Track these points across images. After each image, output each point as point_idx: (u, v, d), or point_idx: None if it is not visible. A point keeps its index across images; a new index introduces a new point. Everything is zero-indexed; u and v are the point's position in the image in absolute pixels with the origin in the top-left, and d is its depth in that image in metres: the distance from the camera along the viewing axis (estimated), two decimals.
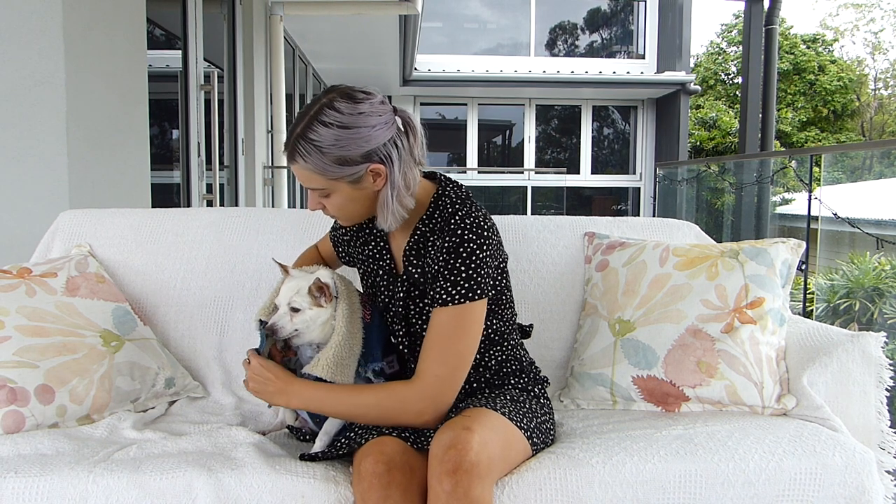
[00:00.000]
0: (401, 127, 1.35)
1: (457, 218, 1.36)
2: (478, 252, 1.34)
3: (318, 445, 1.39)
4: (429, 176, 1.47)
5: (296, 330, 1.40)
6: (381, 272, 1.50)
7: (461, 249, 1.33)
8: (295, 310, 1.39)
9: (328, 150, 1.29)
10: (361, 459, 1.23)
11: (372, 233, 1.53)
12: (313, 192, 1.36)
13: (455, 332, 1.33)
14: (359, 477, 1.22)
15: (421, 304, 1.43)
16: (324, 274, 1.44)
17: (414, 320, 1.45)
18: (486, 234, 1.35)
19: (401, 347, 1.48)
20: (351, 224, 1.45)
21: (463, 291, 1.33)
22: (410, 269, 1.43)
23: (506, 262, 1.48)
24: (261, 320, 1.45)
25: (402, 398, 1.32)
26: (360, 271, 1.57)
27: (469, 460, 1.16)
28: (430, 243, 1.40)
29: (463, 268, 1.33)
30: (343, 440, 1.36)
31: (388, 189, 1.34)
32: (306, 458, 1.34)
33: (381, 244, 1.51)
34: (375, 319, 1.48)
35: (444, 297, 1.33)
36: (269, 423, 1.58)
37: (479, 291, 1.33)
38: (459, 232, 1.34)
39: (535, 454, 1.37)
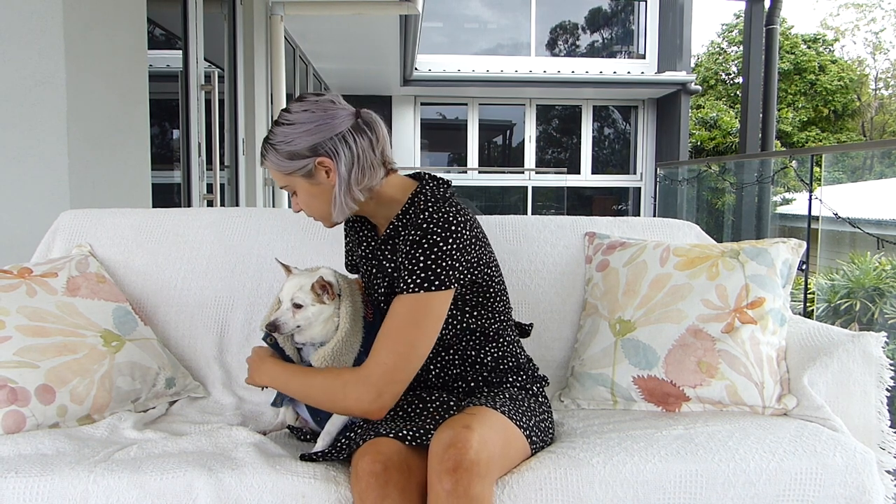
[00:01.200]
0: (359, 124, 1.42)
1: (426, 214, 1.38)
2: (440, 244, 1.34)
3: (320, 445, 1.39)
4: (415, 176, 1.52)
5: (298, 326, 1.41)
6: (373, 270, 1.53)
7: (423, 241, 1.35)
8: (298, 306, 1.41)
9: (279, 146, 1.40)
10: (359, 459, 1.23)
11: (365, 233, 1.57)
12: (284, 190, 1.47)
13: (408, 322, 1.33)
14: (356, 477, 1.22)
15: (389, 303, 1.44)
16: (326, 272, 1.46)
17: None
18: (452, 227, 1.36)
19: None
20: (328, 224, 1.50)
21: (419, 281, 1.33)
22: (384, 262, 1.47)
23: (490, 257, 1.49)
24: (267, 332, 1.47)
25: (345, 382, 1.34)
26: (361, 272, 1.60)
27: (469, 459, 1.16)
28: (400, 238, 1.43)
29: (422, 258, 1.34)
30: (343, 440, 1.36)
31: (339, 185, 1.41)
32: (307, 458, 1.34)
33: (372, 244, 1.54)
34: (377, 319, 1.49)
35: (402, 285, 1.36)
36: (270, 423, 1.59)
37: (436, 282, 1.33)
38: (425, 226, 1.36)
39: (535, 453, 1.37)
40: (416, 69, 10.51)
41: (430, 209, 1.38)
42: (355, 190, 1.41)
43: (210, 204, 4.31)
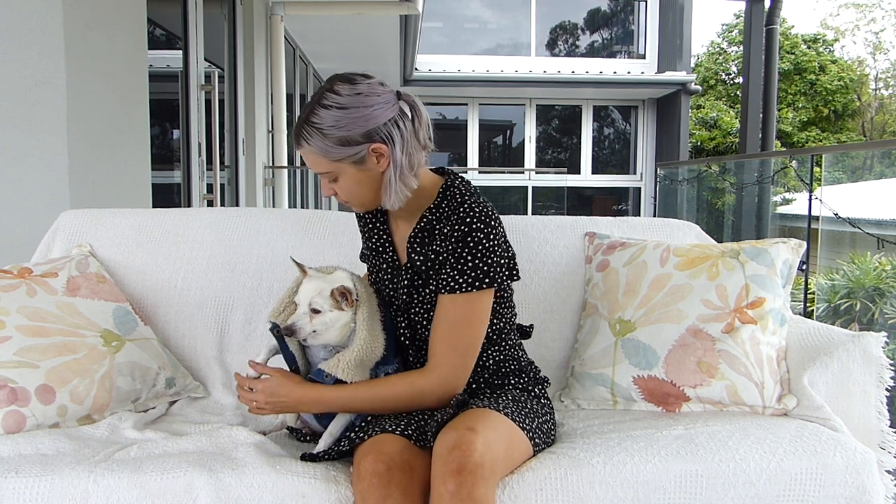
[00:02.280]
0: (404, 109, 1.37)
1: (465, 207, 1.38)
2: (485, 241, 1.36)
3: (322, 445, 1.39)
4: (437, 171, 1.50)
5: (314, 331, 1.39)
6: (384, 264, 1.51)
7: (469, 238, 1.35)
8: (316, 311, 1.38)
9: (329, 131, 1.32)
10: (361, 458, 1.23)
11: (377, 225, 1.54)
12: (323, 176, 1.39)
13: (463, 320, 1.36)
14: (359, 476, 1.22)
15: (423, 293, 1.43)
16: (343, 276, 1.43)
17: (415, 311, 1.45)
18: (492, 223, 1.38)
19: (402, 339, 1.49)
20: (363, 210, 1.47)
21: (470, 280, 1.35)
22: (413, 256, 1.44)
23: (514, 260, 1.48)
24: (274, 323, 1.45)
25: (421, 389, 1.36)
26: (368, 266, 1.58)
27: (473, 461, 1.16)
28: (436, 231, 1.41)
29: (470, 256, 1.35)
30: (344, 440, 1.36)
31: (391, 169, 1.36)
32: (307, 458, 1.34)
33: (384, 236, 1.52)
34: (388, 322, 1.48)
35: (452, 284, 1.35)
36: (270, 424, 1.58)
37: (486, 280, 1.35)
38: (468, 220, 1.36)
39: (536, 454, 1.37)
40: (416, 69, 10.51)
41: (469, 203, 1.38)
42: (409, 175, 1.38)
43: (210, 204, 4.31)
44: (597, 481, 1.30)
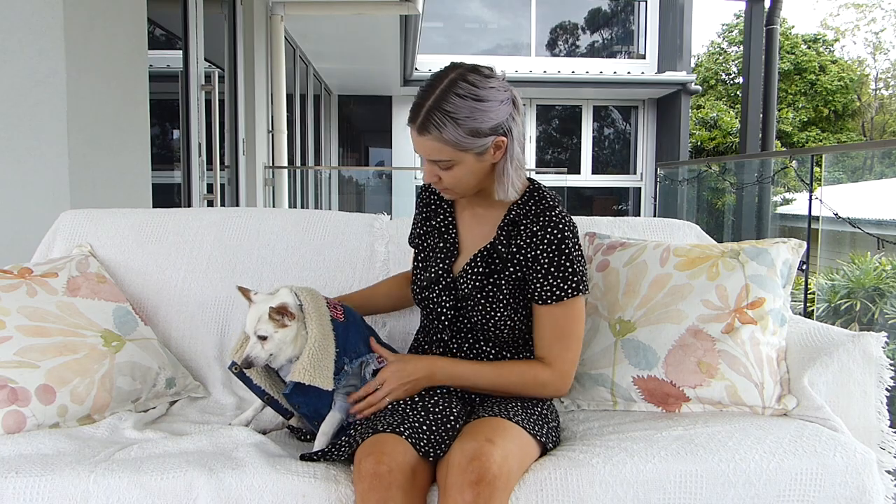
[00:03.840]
0: (515, 103, 1.41)
1: (557, 213, 1.44)
2: (573, 249, 1.43)
3: (318, 445, 1.39)
4: None
5: (270, 355, 1.42)
6: (441, 244, 1.54)
7: (563, 246, 1.42)
8: (262, 337, 1.41)
9: (463, 121, 1.34)
10: (362, 459, 1.23)
11: (444, 206, 1.59)
12: (434, 163, 1.40)
13: (571, 322, 1.45)
14: (359, 476, 1.22)
15: (494, 279, 1.46)
16: (282, 294, 1.46)
17: (480, 294, 1.46)
18: (576, 231, 1.46)
19: (442, 320, 1.51)
20: (458, 197, 1.50)
21: (573, 285, 1.42)
22: (498, 245, 1.47)
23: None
24: (233, 361, 1.47)
25: (543, 381, 1.45)
26: (421, 245, 1.61)
27: (492, 473, 1.17)
28: (522, 227, 1.45)
29: (568, 263, 1.42)
30: (343, 439, 1.36)
31: (507, 161, 1.41)
32: (306, 458, 1.34)
33: (450, 218, 1.57)
34: (350, 317, 1.51)
35: (557, 292, 1.42)
36: (270, 423, 1.59)
37: (582, 285, 1.44)
38: (562, 227, 1.43)
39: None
40: (416, 69, 10.51)
41: (559, 210, 1.46)
42: (521, 168, 1.44)
43: (210, 204, 4.32)
44: (597, 481, 1.30)
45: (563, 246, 1.42)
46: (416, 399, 1.42)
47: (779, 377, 1.58)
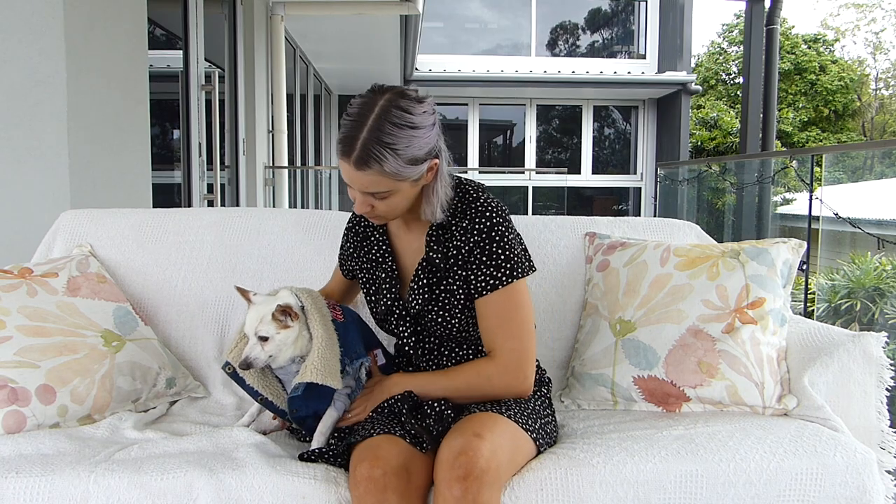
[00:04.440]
0: (438, 122, 1.39)
1: (482, 202, 1.41)
2: (506, 234, 1.40)
3: (316, 443, 1.40)
4: None
5: (270, 356, 1.41)
6: (383, 274, 1.51)
7: (493, 233, 1.39)
8: (264, 338, 1.39)
9: (403, 151, 1.29)
10: (357, 463, 1.23)
11: (375, 236, 1.55)
12: (368, 195, 1.34)
13: (511, 309, 1.40)
14: (355, 481, 1.22)
15: (439, 291, 1.44)
16: (284, 295, 1.44)
17: (432, 311, 1.45)
18: (507, 216, 1.43)
19: (406, 348, 1.50)
20: (387, 221, 1.46)
21: (507, 272, 1.39)
22: (432, 254, 1.44)
23: (527, 251, 1.51)
24: (226, 362, 1.45)
25: (488, 375, 1.40)
26: (363, 279, 1.58)
27: (480, 467, 1.17)
28: (454, 226, 1.43)
29: (500, 250, 1.39)
30: (341, 444, 1.36)
31: (437, 181, 1.38)
32: (305, 457, 1.34)
33: (384, 247, 1.53)
34: (349, 317, 1.50)
35: (491, 281, 1.39)
36: (270, 424, 1.59)
37: (518, 269, 1.40)
38: (489, 214, 1.40)
39: (538, 455, 1.37)
40: (416, 69, 10.51)
41: (485, 198, 1.42)
42: (448, 186, 1.41)
43: (210, 204, 4.32)
44: (597, 481, 1.30)
45: (493, 233, 1.39)
46: (411, 400, 1.41)
47: (779, 377, 1.58)
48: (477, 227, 1.40)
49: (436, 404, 1.39)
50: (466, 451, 1.18)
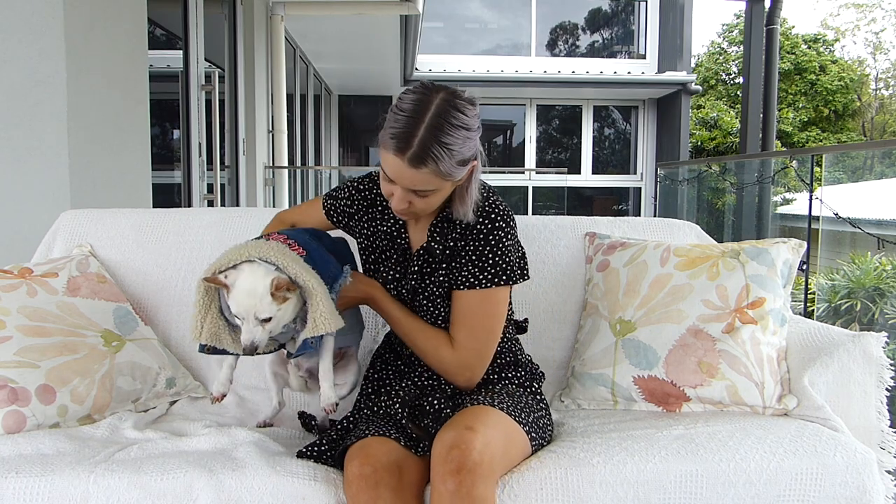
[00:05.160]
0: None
1: (490, 203, 1.42)
2: (504, 240, 1.40)
3: (326, 395, 1.39)
4: None
5: (270, 332, 1.33)
6: (393, 248, 1.50)
7: (491, 237, 1.40)
8: (266, 319, 1.30)
9: (458, 152, 1.29)
10: (349, 463, 1.24)
11: (387, 210, 1.52)
12: (410, 192, 1.33)
13: (481, 311, 1.41)
14: (347, 481, 1.23)
15: (432, 280, 1.45)
16: (264, 268, 1.31)
17: (422, 296, 1.47)
18: (512, 223, 1.44)
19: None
20: (416, 217, 1.46)
21: (490, 276, 1.40)
22: (433, 244, 1.45)
23: (525, 259, 1.50)
24: (202, 345, 1.36)
25: (442, 356, 1.43)
26: (362, 245, 1.56)
27: (472, 460, 1.17)
28: (457, 221, 1.43)
29: (490, 254, 1.40)
30: (336, 442, 1.36)
31: (472, 182, 1.38)
32: (303, 454, 1.34)
33: (400, 223, 1.51)
34: (308, 245, 1.40)
35: (472, 280, 1.40)
36: (268, 415, 1.59)
37: (503, 277, 1.41)
38: (493, 216, 1.40)
39: (535, 452, 1.38)
40: (416, 69, 10.51)
41: (493, 200, 1.43)
42: (479, 185, 1.41)
43: (210, 204, 4.32)
44: (597, 481, 1.30)
45: (491, 237, 1.40)
46: (407, 400, 1.42)
47: (779, 377, 1.58)
48: (479, 225, 1.40)
49: (434, 402, 1.39)
50: (459, 444, 1.18)
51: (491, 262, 1.40)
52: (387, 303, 1.47)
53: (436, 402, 1.39)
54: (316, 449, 1.35)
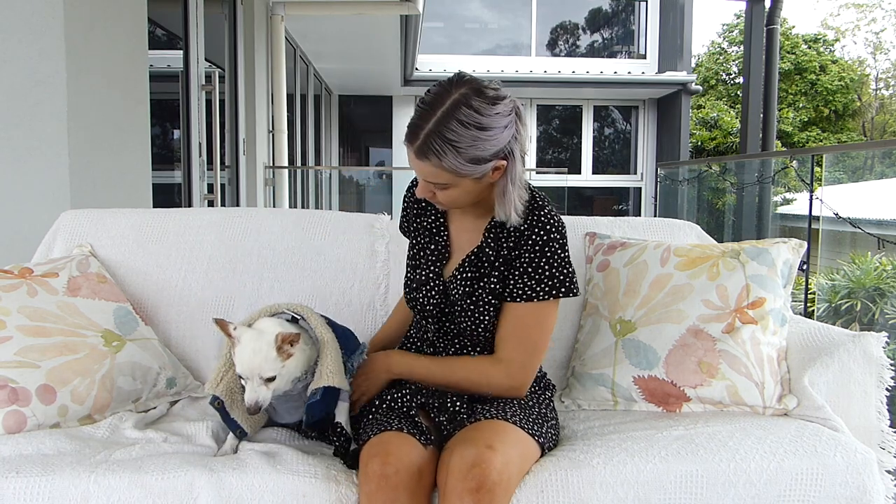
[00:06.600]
0: (517, 121, 1.33)
1: (546, 213, 1.41)
2: (560, 252, 1.40)
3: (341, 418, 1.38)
4: None
5: (275, 390, 1.34)
6: (432, 245, 1.51)
7: (547, 248, 1.39)
8: (270, 378, 1.31)
9: (465, 150, 1.27)
10: (369, 460, 1.23)
11: (428, 205, 1.54)
12: (429, 183, 1.35)
13: (533, 323, 1.41)
14: (366, 477, 1.22)
15: (481, 284, 1.43)
16: (273, 323, 1.35)
17: (469, 299, 1.43)
18: (564, 233, 1.42)
19: (425, 322, 1.50)
20: (449, 208, 1.47)
21: (547, 288, 1.40)
22: (487, 248, 1.44)
23: (575, 274, 1.48)
24: (214, 396, 1.39)
25: (490, 376, 1.41)
26: (412, 245, 1.58)
27: (492, 480, 1.17)
28: (512, 228, 1.41)
29: (547, 266, 1.39)
30: (350, 442, 1.37)
31: (507, 181, 1.35)
32: (338, 453, 1.37)
33: (440, 220, 1.52)
34: (335, 324, 1.47)
35: (529, 292, 1.39)
36: (226, 451, 1.54)
37: (562, 289, 1.40)
38: (549, 227, 1.39)
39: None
40: (416, 69, 10.51)
41: (549, 210, 1.41)
42: (521, 186, 1.37)
43: (211, 204, 4.32)
44: (597, 482, 1.30)
45: (547, 248, 1.39)
46: (419, 397, 1.42)
47: (779, 377, 1.58)
48: (534, 236, 1.39)
49: (449, 403, 1.39)
50: (479, 463, 1.18)
51: (548, 273, 1.39)
52: (409, 358, 1.48)
53: (457, 400, 1.39)
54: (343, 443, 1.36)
